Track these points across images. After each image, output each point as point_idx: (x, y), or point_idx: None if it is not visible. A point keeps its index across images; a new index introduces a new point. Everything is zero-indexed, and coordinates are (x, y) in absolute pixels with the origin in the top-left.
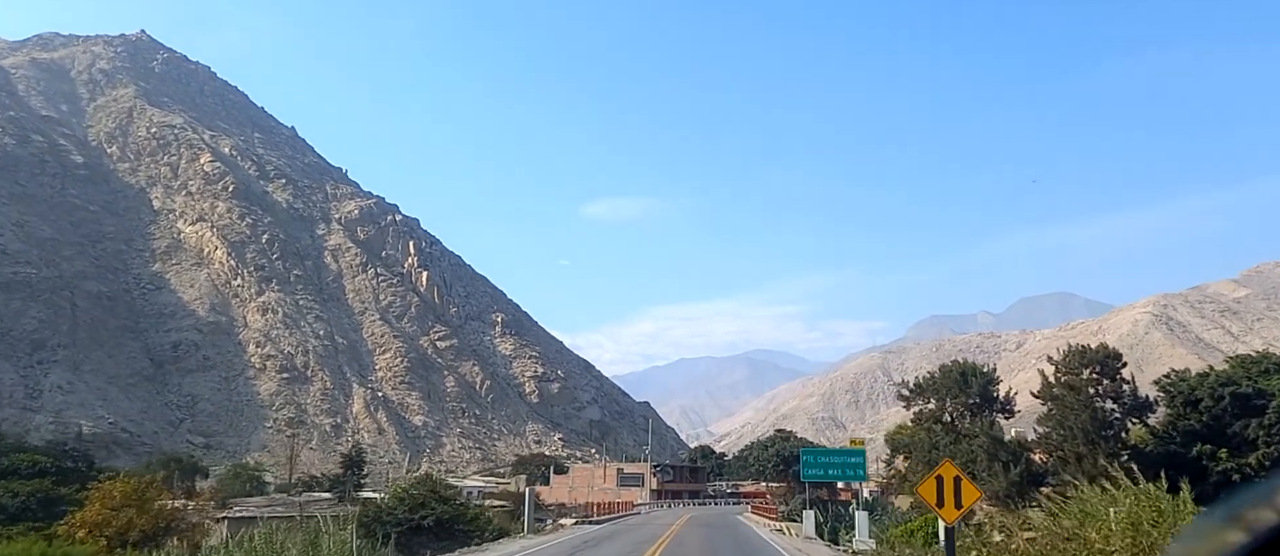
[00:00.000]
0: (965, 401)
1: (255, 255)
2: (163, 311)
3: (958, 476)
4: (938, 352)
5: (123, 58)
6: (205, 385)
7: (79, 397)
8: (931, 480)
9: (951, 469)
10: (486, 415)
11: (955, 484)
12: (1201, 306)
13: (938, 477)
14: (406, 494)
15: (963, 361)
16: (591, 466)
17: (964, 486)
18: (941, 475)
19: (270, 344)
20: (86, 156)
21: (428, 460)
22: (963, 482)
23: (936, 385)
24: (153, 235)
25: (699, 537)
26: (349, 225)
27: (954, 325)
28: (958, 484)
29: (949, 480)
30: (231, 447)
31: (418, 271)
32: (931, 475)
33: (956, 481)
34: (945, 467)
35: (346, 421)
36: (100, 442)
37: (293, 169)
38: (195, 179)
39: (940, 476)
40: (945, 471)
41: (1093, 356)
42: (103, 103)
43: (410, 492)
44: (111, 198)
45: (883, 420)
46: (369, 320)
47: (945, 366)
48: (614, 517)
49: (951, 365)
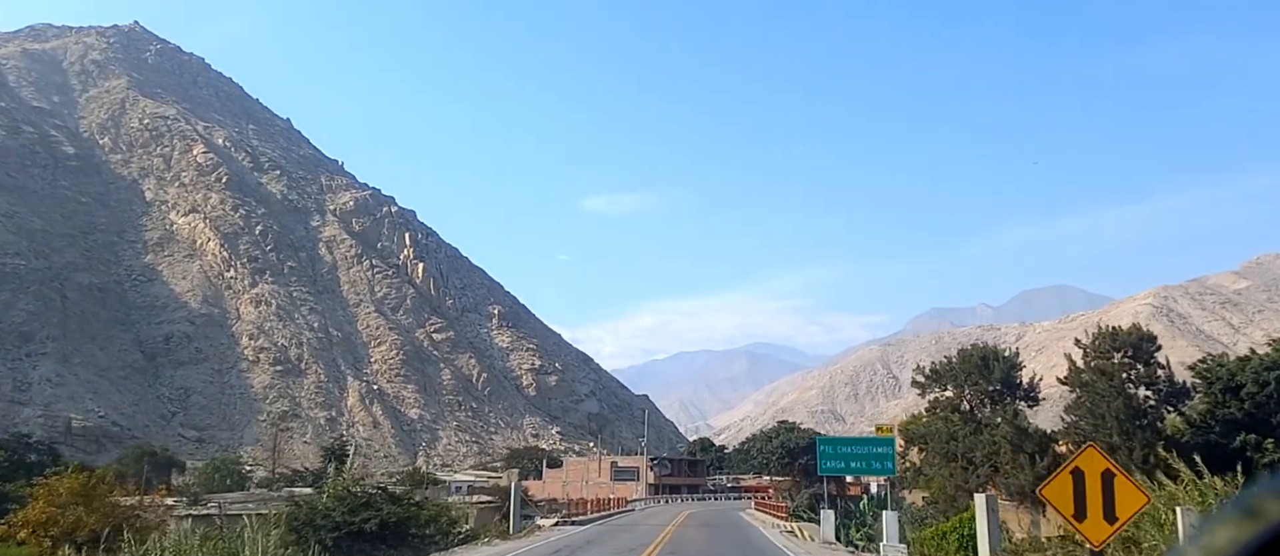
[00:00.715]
0: (985, 388)
1: (248, 247)
2: (154, 303)
3: (1108, 470)
4: (937, 345)
5: (115, 49)
6: (197, 378)
7: (68, 390)
8: (1064, 477)
9: (1098, 457)
10: (483, 408)
11: (1106, 483)
12: (1202, 298)
13: (1076, 472)
14: (346, 492)
15: (983, 345)
16: (586, 460)
17: (1120, 487)
18: (1081, 467)
19: (263, 336)
20: (78, 148)
21: (424, 454)
22: (1117, 481)
23: (954, 371)
24: (145, 227)
25: (698, 543)
26: (344, 217)
27: (953, 318)
28: (1109, 483)
29: (1094, 476)
30: (224, 441)
31: (414, 263)
32: (1064, 468)
33: (1108, 479)
34: (1088, 457)
35: (341, 414)
36: (90, 436)
37: (287, 160)
38: (188, 170)
39: (1079, 470)
40: (1088, 462)
41: (1124, 338)
42: (95, 94)
43: (351, 491)
44: (103, 189)
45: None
46: (364, 312)
47: (964, 350)
48: (603, 516)
49: (971, 349)
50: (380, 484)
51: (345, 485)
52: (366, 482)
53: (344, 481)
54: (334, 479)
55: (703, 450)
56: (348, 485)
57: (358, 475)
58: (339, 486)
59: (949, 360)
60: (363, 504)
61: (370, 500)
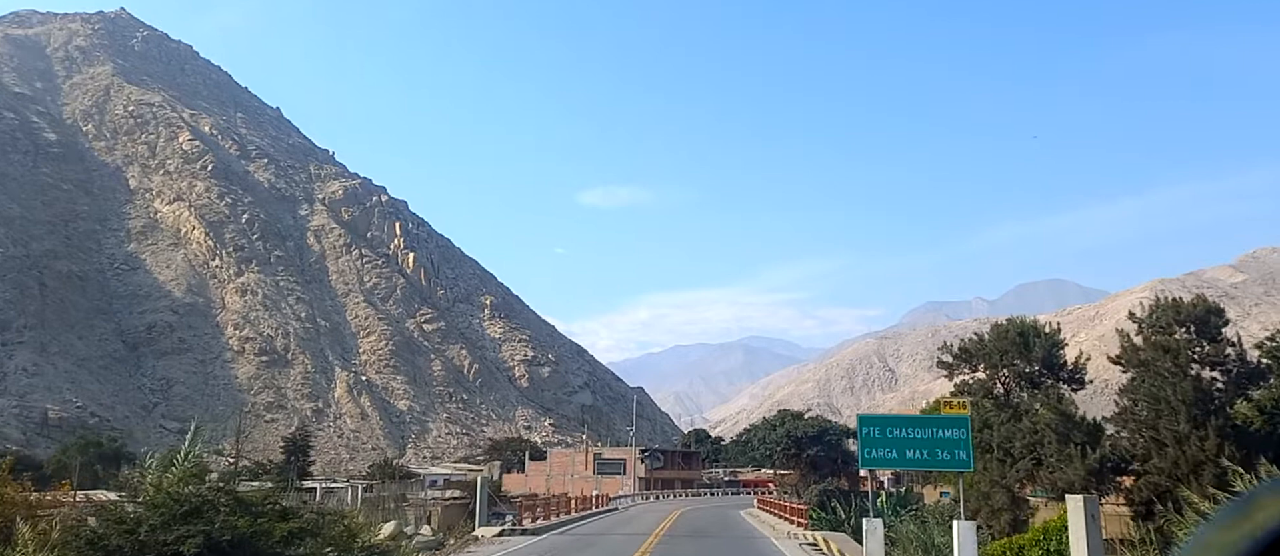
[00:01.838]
0: (1023, 369)
1: (234, 235)
2: (137, 292)
3: None
4: (933, 338)
5: (101, 35)
6: (180, 368)
7: (45, 380)
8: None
9: None
10: (474, 400)
11: None
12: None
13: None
14: (165, 498)
15: (1021, 319)
16: (571, 452)
17: None
18: None
19: (249, 326)
20: (60, 134)
21: (413, 446)
22: None
23: (987, 350)
24: (128, 214)
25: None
26: (333, 205)
27: (949, 311)
28: None
29: None
30: (207, 433)
31: (404, 253)
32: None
33: None
34: None
35: (328, 406)
36: (67, 428)
37: (276, 149)
38: (173, 158)
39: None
40: None
41: (1188, 311)
42: (79, 80)
43: (170, 495)
44: (86, 176)
45: (878, 406)
46: (353, 302)
47: (999, 326)
48: (574, 519)
49: (1007, 324)
50: (221, 483)
51: (173, 483)
52: (212, 478)
53: (173, 476)
54: (156, 472)
55: (698, 442)
56: (175, 483)
57: (198, 465)
58: (162, 486)
59: (979, 338)
60: (189, 513)
61: (201, 507)
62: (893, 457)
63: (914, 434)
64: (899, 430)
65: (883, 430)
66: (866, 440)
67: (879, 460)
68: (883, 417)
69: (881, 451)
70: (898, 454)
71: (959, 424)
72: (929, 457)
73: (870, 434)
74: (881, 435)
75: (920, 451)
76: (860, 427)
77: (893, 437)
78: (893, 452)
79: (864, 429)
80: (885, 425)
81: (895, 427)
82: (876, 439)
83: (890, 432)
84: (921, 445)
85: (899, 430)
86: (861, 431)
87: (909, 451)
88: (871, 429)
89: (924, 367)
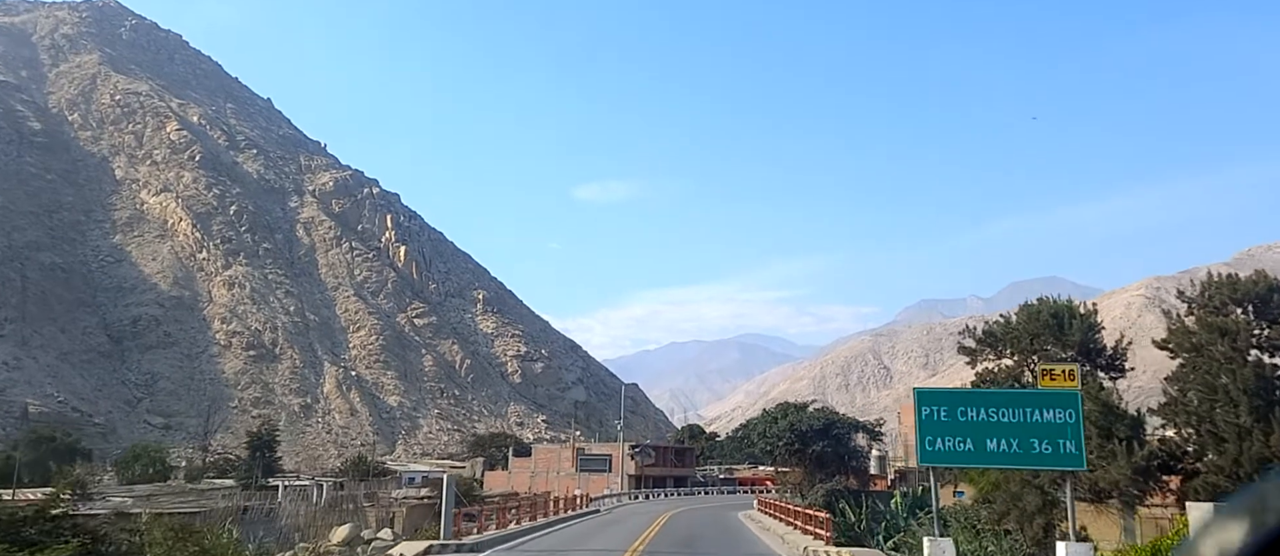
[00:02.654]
0: (1058, 355)
1: (222, 228)
2: (122, 285)
3: None
4: (928, 335)
5: (88, 23)
6: (166, 363)
7: (26, 374)
8: None
9: None
10: (466, 395)
11: None
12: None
13: None
14: None
15: (1054, 300)
16: (557, 448)
17: None
18: None
19: (237, 320)
20: (45, 123)
21: (403, 442)
22: None
23: (1017, 333)
24: (114, 206)
25: None
26: (323, 197)
27: (944, 309)
28: None
29: None
30: (192, 428)
31: (395, 246)
32: None
33: None
34: None
35: (317, 401)
36: (48, 422)
37: (266, 140)
38: (160, 148)
39: None
40: None
41: (1247, 289)
42: (65, 69)
43: None
44: (71, 167)
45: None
46: (342, 296)
47: (1030, 306)
48: (540, 527)
49: (1039, 304)
50: None
51: None
52: None
53: None
54: None
55: (692, 437)
56: None
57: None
58: None
59: (1006, 319)
60: None
61: None
62: (966, 450)
63: (999, 416)
64: (976, 410)
65: (952, 411)
66: (928, 424)
67: (946, 454)
68: (952, 394)
69: (949, 441)
70: (974, 444)
71: (1065, 402)
72: (1020, 451)
73: (933, 416)
74: (950, 418)
75: (1007, 441)
76: (919, 407)
77: (967, 421)
78: (966, 442)
79: (924, 408)
80: (956, 404)
81: (971, 407)
82: (942, 423)
83: (963, 414)
84: (1009, 432)
85: (976, 410)
86: (920, 412)
87: (991, 441)
88: (934, 409)
89: (919, 365)
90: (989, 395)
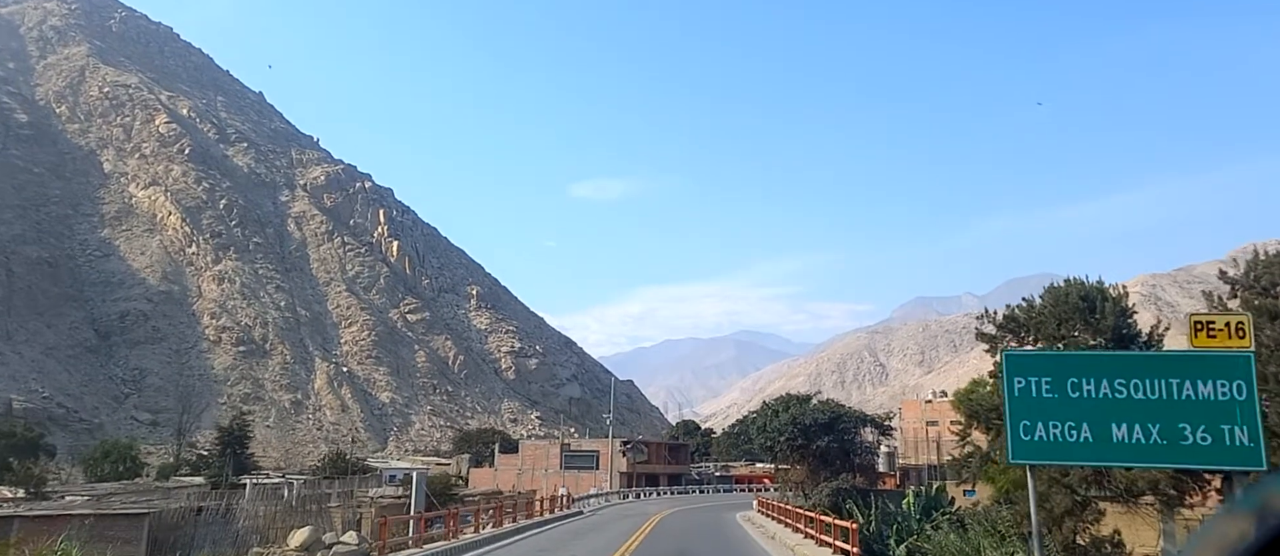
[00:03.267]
0: (1088, 342)
1: (212, 222)
2: (110, 279)
3: None
4: (924, 332)
5: (77, 15)
6: (154, 358)
7: (10, 370)
8: None
9: None
10: (459, 392)
11: None
12: (1189, 287)
13: None
14: None
15: (1083, 281)
16: (545, 444)
17: None
18: None
19: (226, 315)
20: (32, 115)
21: (395, 438)
22: None
23: (1043, 318)
24: (102, 199)
25: None
26: (315, 192)
27: (939, 306)
28: None
29: None
30: (177, 425)
31: (388, 241)
32: None
33: None
34: None
35: (308, 398)
36: (32, 418)
37: (257, 134)
38: (150, 141)
39: None
40: None
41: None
42: (53, 61)
43: None
44: (58, 159)
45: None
46: (334, 291)
47: (1056, 288)
48: (506, 534)
49: (1067, 286)
50: None
51: None
52: None
53: None
54: None
55: (687, 433)
56: None
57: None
58: None
59: (1029, 303)
60: None
61: None
62: (1081, 441)
63: (1131, 390)
64: (1096, 382)
65: (1060, 382)
66: (1021, 404)
67: (1050, 447)
68: (1061, 358)
69: (1056, 428)
70: (1093, 433)
71: (1232, 370)
72: (1163, 442)
73: (1031, 390)
74: (1056, 393)
75: (1144, 428)
76: (1009, 377)
77: (1082, 399)
78: (1084, 430)
79: (1017, 379)
80: (1066, 372)
81: (1088, 376)
82: (1044, 402)
83: (1076, 388)
84: (1147, 414)
85: (1096, 382)
86: (1012, 385)
87: (1119, 428)
88: (1034, 380)
89: (915, 362)
90: (1116, 359)
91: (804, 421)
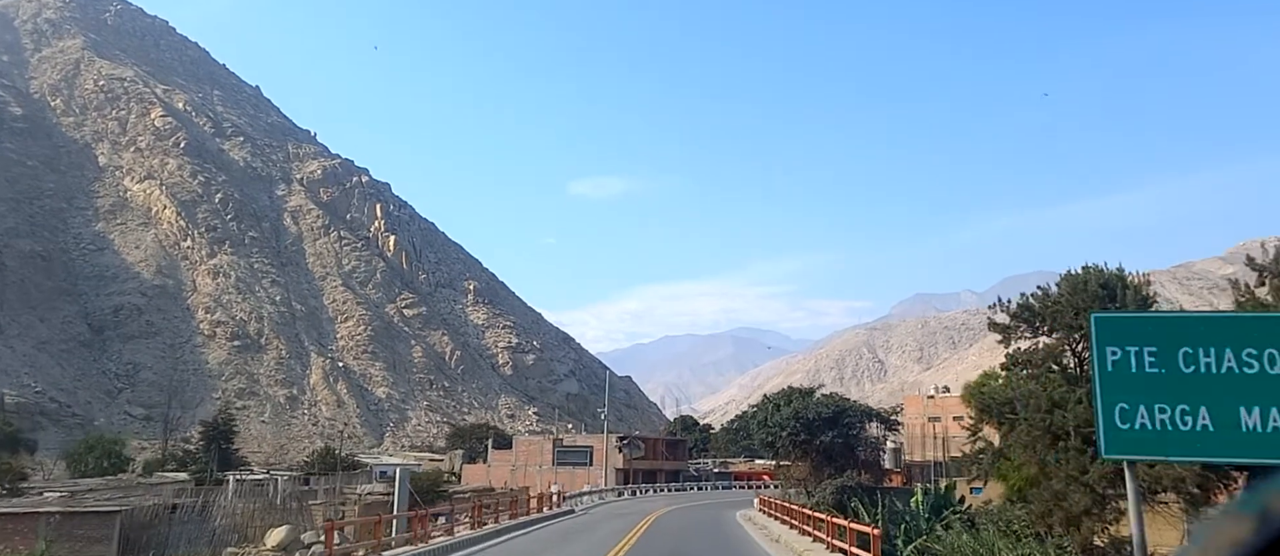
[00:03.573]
0: None
1: (207, 216)
2: (104, 273)
3: None
4: (923, 329)
5: (72, 8)
6: (148, 353)
7: (2, 364)
8: None
9: None
10: (456, 387)
11: None
12: (1189, 283)
13: None
14: None
15: (1102, 268)
16: (539, 439)
17: None
18: None
19: (221, 309)
20: (27, 109)
21: (392, 434)
22: None
23: (1058, 307)
24: (97, 193)
25: None
26: (311, 186)
27: (938, 303)
28: None
29: None
30: (174, 420)
31: (385, 236)
32: None
33: None
34: None
35: (303, 393)
36: (25, 413)
37: (253, 128)
38: (144, 134)
39: None
40: None
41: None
42: (48, 54)
43: None
44: (52, 153)
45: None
46: (330, 286)
47: (1073, 276)
48: (483, 537)
49: (1084, 274)
50: None
51: None
52: None
53: None
54: None
55: (685, 429)
56: None
57: None
58: None
59: (1044, 292)
60: None
61: None
62: (1198, 430)
63: (1264, 364)
64: (1218, 355)
65: (1167, 354)
66: (1115, 382)
67: (1155, 439)
68: (1168, 320)
69: (1165, 411)
70: (1214, 419)
71: None
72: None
73: (1129, 364)
74: (1162, 368)
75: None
76: (1100, 346)
77: (1198, 375)
78: (1203, 416)
79: (1109, 348)
80: (1178, 340)
81: (1205, 346)
82: (1147, 380)
83: (1191, 360)
84: None
85: (1218, 355)
86: (1102, 356)
87: (1250, 414)
88: (1135, 350)
89: (913, 358)
90: (1246, 322)
91: (807, 416)
